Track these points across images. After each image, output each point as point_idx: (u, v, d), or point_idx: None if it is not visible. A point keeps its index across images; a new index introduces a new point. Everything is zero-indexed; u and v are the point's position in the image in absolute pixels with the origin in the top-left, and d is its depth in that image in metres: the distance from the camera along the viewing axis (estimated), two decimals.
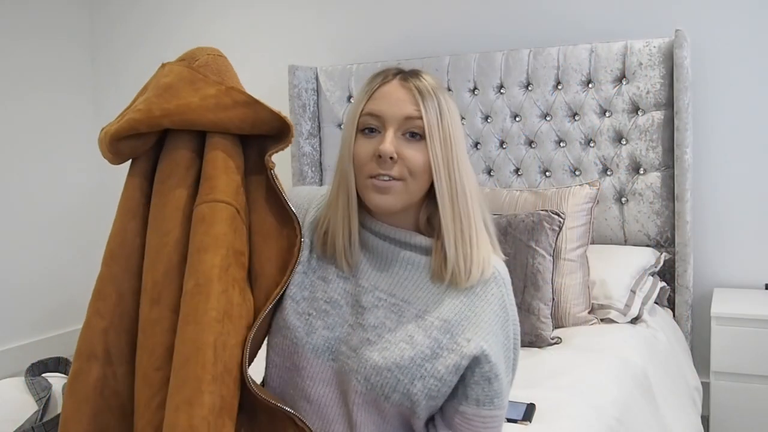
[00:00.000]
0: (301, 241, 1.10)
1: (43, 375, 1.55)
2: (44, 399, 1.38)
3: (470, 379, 1.03)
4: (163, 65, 1.12)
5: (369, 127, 1.05)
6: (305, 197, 1.21)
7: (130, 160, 1.12)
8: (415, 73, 1.07)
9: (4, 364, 3.20)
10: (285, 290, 1.11)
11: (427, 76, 1.07)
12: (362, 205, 1.10)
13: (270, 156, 1.09)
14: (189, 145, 1.09)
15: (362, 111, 1.05)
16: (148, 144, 1.10)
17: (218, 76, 1.09)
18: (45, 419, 1.32)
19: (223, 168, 1.07)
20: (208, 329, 0.97)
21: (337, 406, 1.07)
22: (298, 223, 1.10)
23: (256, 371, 1.07)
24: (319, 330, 1.09)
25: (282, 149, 1.09)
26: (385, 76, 1.07)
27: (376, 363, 1.03)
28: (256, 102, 1.07)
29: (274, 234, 1.11)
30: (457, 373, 1.02)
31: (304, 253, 1.14)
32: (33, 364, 1.56)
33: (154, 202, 1.08)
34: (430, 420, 1.08)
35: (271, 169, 1.09)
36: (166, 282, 1.03)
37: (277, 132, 1.10)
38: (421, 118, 1.03)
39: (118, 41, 3.63)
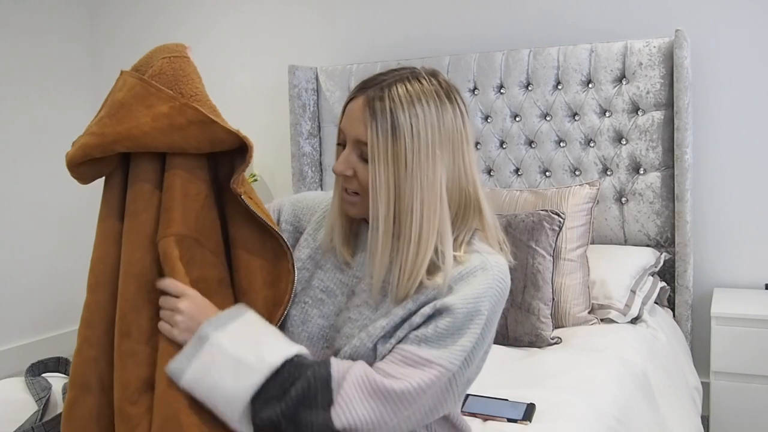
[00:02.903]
0: (292, 257, 1.10)
1: (43, 375, 1.55)
2: (44, 399, 1.38)
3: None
4: (121, 73, 1.08)
5: (341, 140, 1.09)
6: (313, 199, 1.26)
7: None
8: (384, 87, 1.03)
9: (4, 364, 3.20)
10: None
11: (401, 88, 1.03)
12: None
13: (234, 182, 1.05)
14: (152, 165, 1.05)
15: (338, 124, 1.09)
16: (112, 165, 1.07)
17: (174, 85, 1.03)
18: (45, 419, 1.32)
19: (181, 197, 1.03)
20: None
21: None
22: (283, 239, 1.10)
23: None
24: (315, 318, 1.12)
25: (243, 170, 1.05)
26: (358, 89, 1.06)
27: (350, 334, 1.06)
28: (212, 121, 1.02)
29: (258, 247, 1.10)
30: (409, 328, 1.02)
31: (305, 251, 1.17)
32: (33, 364, 1.56)
33: (124, 225, 1.06)
34: None
35: (240, 194, 1.05)
36: (134, 314, 1.02)
37: (240, 147, 1.06)
38: (366, 143, 1.03)
39: (118, 41, 3.63)
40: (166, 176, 1.04)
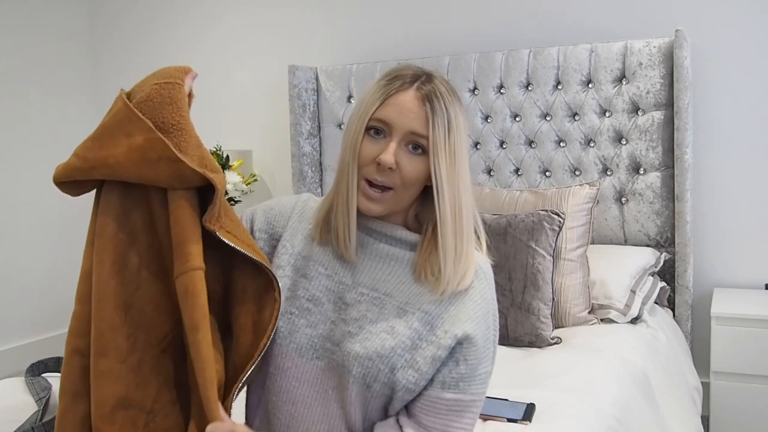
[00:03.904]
0: (278, 286, 1.08)
1: (43, 375, 1.55)
2: (44, 399, 1.38)
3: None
4: (119, 93, 1.06)
5: (376, 129, 1.06)
6: (286, 204, 1.21)
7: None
8: (430, 80, 1.06)
9: (4, 364, 3.20)
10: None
11: (442, 84, 1.06)
12: None
13: (207, 220, 1.03)
14: (125, 192, 1.05)
15: (373, 114, 1.05)
16: (96, 183, 1.06)
17: (159, 113, 1.01)
18: (45, 419, 1.32)
19: (193, 229, 1.02)
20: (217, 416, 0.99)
21: (321, 405, 1.07)
22: (268, 268, 1.08)
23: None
24: (302, 329, 1.09)
25: (214, 209, 1.03)
26: (402, 82, 1.06)
27: (357, 353, 1.04)
28: (179, 160, 1.00)
29: (248, 273, 1.08)
30: (433, 365, 1.03)
31: (284, 258, 1.14)
32: (33, 364, 1.56)
33: (95, 243, 1.05)
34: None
35: (214, 231, 1.03)
36: (111, 335, 1.02)
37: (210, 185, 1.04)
38: (427, 137, 1.03)
39: (118, 41, 3.63)
40: (172, 209, 1.03)
